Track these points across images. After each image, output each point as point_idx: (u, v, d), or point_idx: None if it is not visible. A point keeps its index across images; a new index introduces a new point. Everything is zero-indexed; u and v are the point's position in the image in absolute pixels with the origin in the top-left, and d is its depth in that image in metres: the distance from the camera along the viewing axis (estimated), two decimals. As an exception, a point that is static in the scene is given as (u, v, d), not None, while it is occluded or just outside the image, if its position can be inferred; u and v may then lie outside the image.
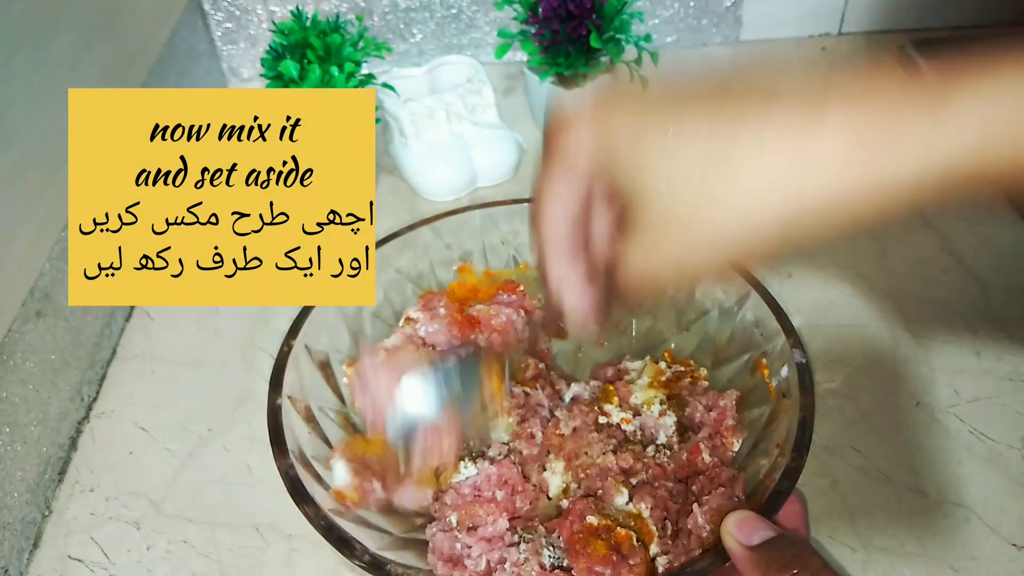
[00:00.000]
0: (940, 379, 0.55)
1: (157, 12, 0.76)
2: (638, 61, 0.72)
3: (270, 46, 0.63)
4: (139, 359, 0.61)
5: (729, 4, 0.87)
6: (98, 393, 0.58)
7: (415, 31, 0.88)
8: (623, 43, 0.71)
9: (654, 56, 0.72)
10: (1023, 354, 0.57)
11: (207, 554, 0.48)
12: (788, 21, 0.89)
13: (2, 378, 0.48)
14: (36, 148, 0.53)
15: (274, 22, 0.66)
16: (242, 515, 0.50)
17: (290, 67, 0.60)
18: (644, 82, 0.33)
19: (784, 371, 0.44)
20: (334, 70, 0.61)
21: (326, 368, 0.48)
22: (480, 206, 0.54)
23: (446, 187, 0.72)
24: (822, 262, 0.64)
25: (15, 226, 0.51)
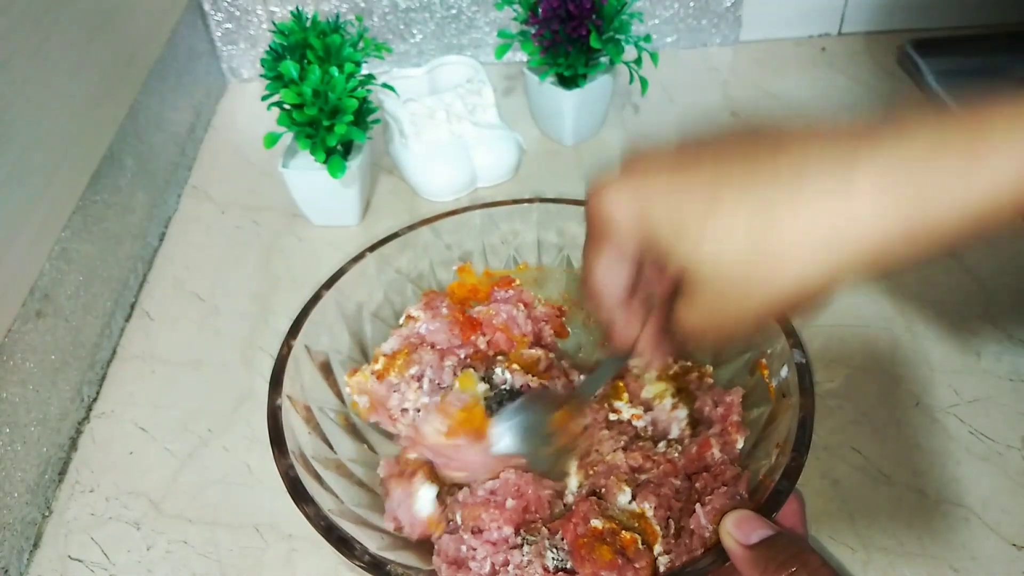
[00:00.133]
0: (940, 379, 0.55)
1: (157, 12, 0.76)
2: (638, 61, 0.72)
3: (270, 46, 0.63)
4: (139, 359, 0.61)
5: (729, 4, 0.87)
6: (98, 393, 0.58)
7: (415, 31, 0.88)
8: (623, 43, 0.71)
9: (654, 56, 0.72)
10: (1023, 354, 0.57)
11: (207, 554, 0.48)
12: (788, 21, 0.89)
13: (2, 378, 0.48)
14: (36, 148, 0.53)
15: (274, 22, 0.66)
16: (242, 515, 0.50)
17: (290, 67, 0.60)
18: (670, 142, 0.33)
19: (784, 371, 0.44)
20: (334, 70, 0.61)
21: (326, 368, 0.48)
22: (480, 206, 0.54)
23: (446, 187, 0.72)
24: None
25: (15, 226, 0.51)
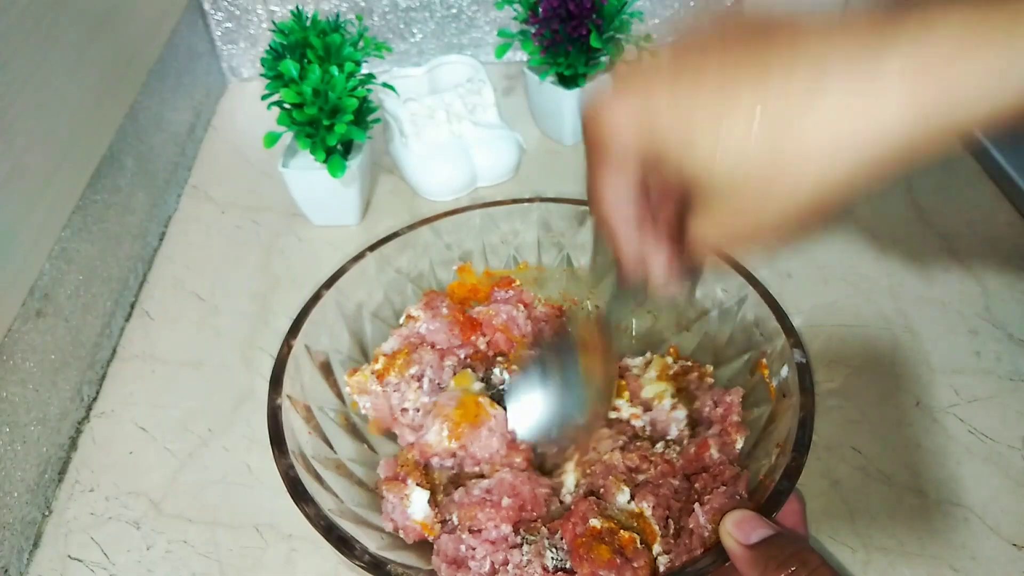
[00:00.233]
0: (940, 379, 0.55)
1: (157, 12, 0.76)
2: (638, 61, 0.72)
3: (270, 46, 0.63)
4: (139, 359, 0.61)
5: (729, 4, 0.87)
6: (98, 393, 0.58)
7: (415, 31, 0.88)
8: (623, 43, 0.71)
9: (654, 56, 0.72)
10: (1023, 354, 0.57)
11: (207, 554, 0.48)
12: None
13: (2, 378, 0.48)
14: (36, 148, 0.53)
15: (274, 22, 0.66)
16: (242, 515, 0.50)
17: (290, 67, 0.60)
18: (659, 51, 0.29)
19: (784, 371, 0.44)
20: (334, 70, 0.61)
21: (326, 368, 0.48)
22: (480, 206, 0.54)
23: (446, 187, 0.72)
24: (822, 262, 0.64)
25: (15, 226, 0.51)
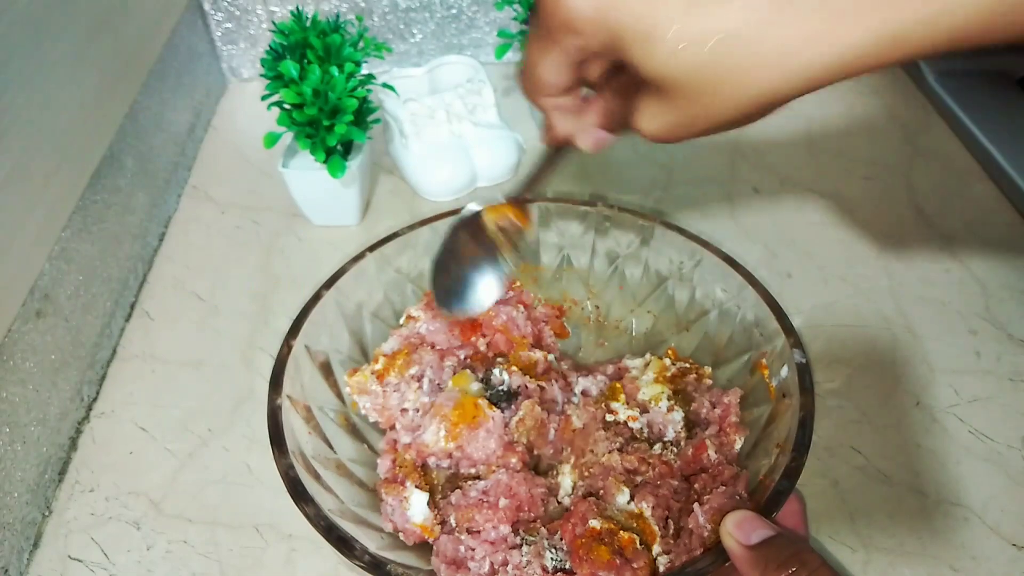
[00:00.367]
0: (940, 379, 0.55)
1: (157, 12, 0.76)
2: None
3: (270, 46, 0.63)
4: (139, 359, 0.61)
5: None
6: (98, 393, 0.58)
7: (415, 31, 0.88)
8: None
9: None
10: (1023, 354, 0.57)
11: (207, 554, 0.48)
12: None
13: (2, 378, 0.48)
14: (36, 148, 0.53)
15: (274, 22, 0.66)
16: (242, 515, 0.50)
17: (290, 67, 0.60)
18: None
19: (784, 371, 0.44)
20: (334, 70, 0.61)
21: (326, 368, 0.48)
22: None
23: (446, 187, 0.72)
24: (822, 262, 0.64)
25: (15, 226, 0.51)
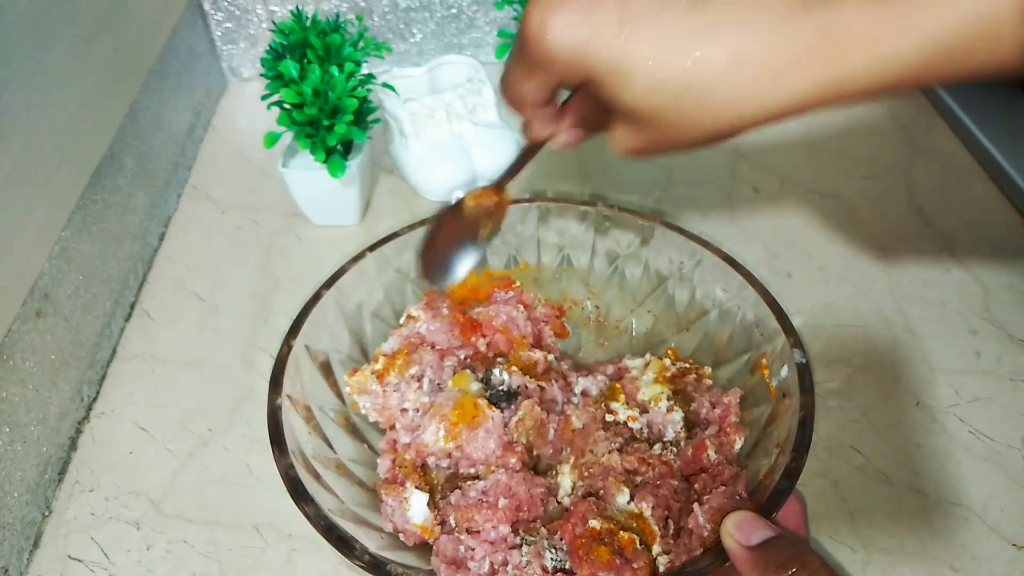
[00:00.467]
0: (940, 379, 0.55)
1: (157, 12, 0.76)
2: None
3: (270, 46, 0.63)
4: (139, 359, 0.61)
5: None
6: (98, 393, 0.58)
7: (415, 31, 0.88)
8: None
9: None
10: (1023, 354, 0.57)
11: (207, 554, 0.48)
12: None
13: (2, 378, 0.48)
14: (36, 148, 0.53)
15: (274, 22, 0.66)
16: (242, 515, 0.50)
17: (290, 67, 0.60)
18: None
19: (784, 371, 0.44)
20: (334, 70, 0.61)
21: (326, 368, 0.48)
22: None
23: (446, 187, 0.72)
24: (822, 262, 0.64)
25: (15, 226, 0.51)
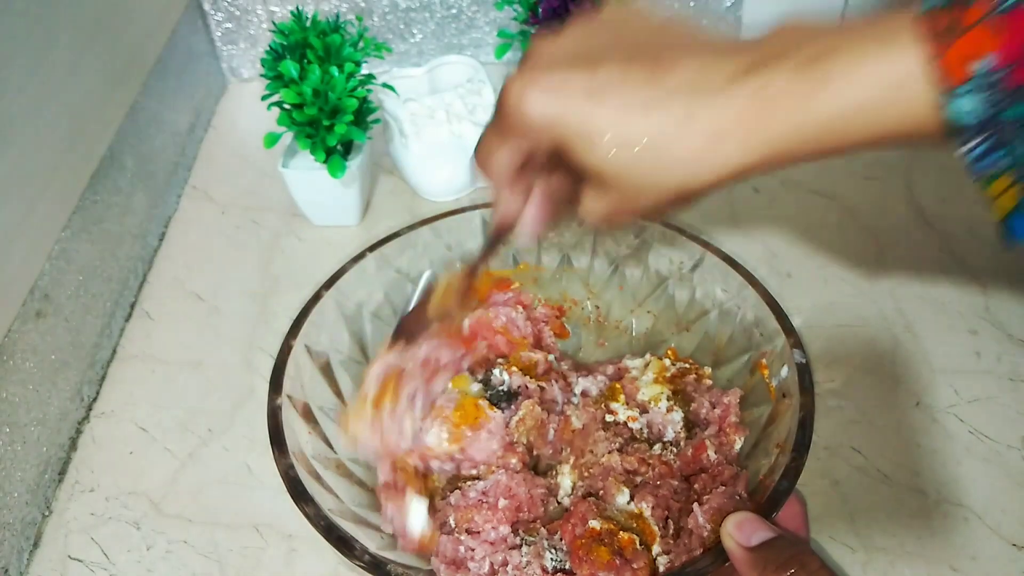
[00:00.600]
0: (940, 379, 0.55)
1: (157, 12, 0.76)
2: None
3: (270, 46, 0.63)
4: (139, 359, 0.61)
5: (729, 4, 0.87)
6: (98, 393, 0.58)
7: (415, 31, 0.88)
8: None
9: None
10: (1023, 354, 0.57)
11: (207, 554, 0.48)
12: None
13: (2, 378, 0.48)
14: (36, 148, 0.53)
15: (274, 22, 0.66)
16: (242, 515, 0.50)
17: (290, 67, 0.60)
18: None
19: (784, 371, 0.44)
20: (334, 70, 0.61)
21: (326, 368, 0.48)
22: (480, 206, 0.54)
23: (446, 187, 0.72)
24: (822, 262, 0.64)
25: (15, 226, 0.51)
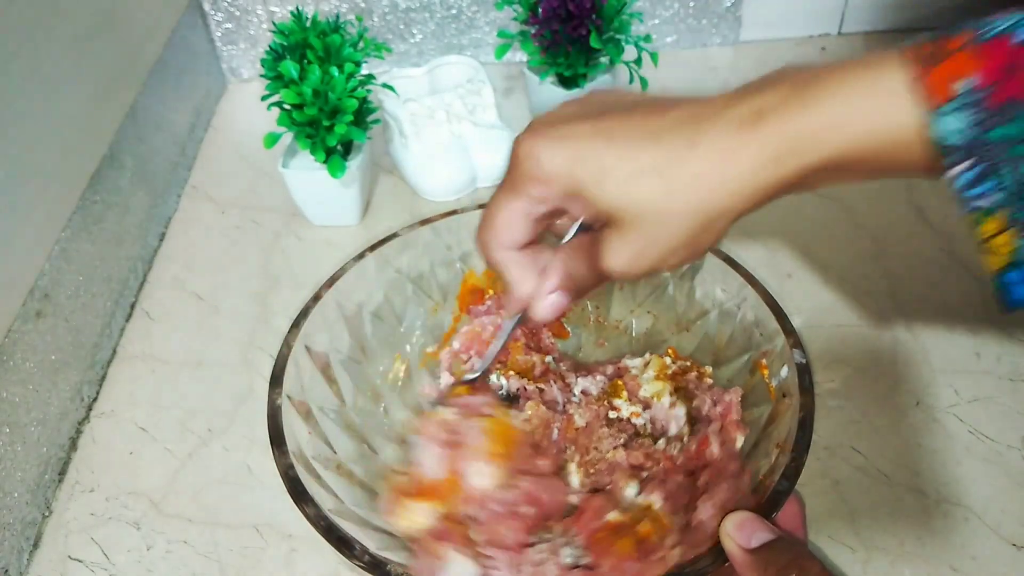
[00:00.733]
0: (940, 379, 0.55)
1: (157, 12, 0.76)
2: (638, 61, 0.72)
3: (270, 46, 0.63)
4: (139, 359, 0.61)
5: (729, 4, 0.87)
6: (98, 393, 0.58)
7: (415, 31, 0.88)
8: (623, 43, 0.71)
9: (654, 56, 0.72)
10: (1023, 354, 0.57)
11: (207, 554, 0.48)
12: (788, 21, 0.89)
13: (2, 378, 0.48)
14: (36, 148, 0.53)
15: (274, 22, 0.66)
16: (242, 515, 0.50)
17: (290, 67, 0.60)
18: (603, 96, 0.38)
19: (784, 371, 0.44)
20: (334, 70, 0.61)
21: (326, 368, 0.48)
22: (480, 206, 0.54)
23: (446, 187, 0.72)
24: (822, 262, 0.64)
25: (15, 226, 0.51)
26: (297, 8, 0.66)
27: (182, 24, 0.80)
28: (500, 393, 0.48)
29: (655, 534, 0.39)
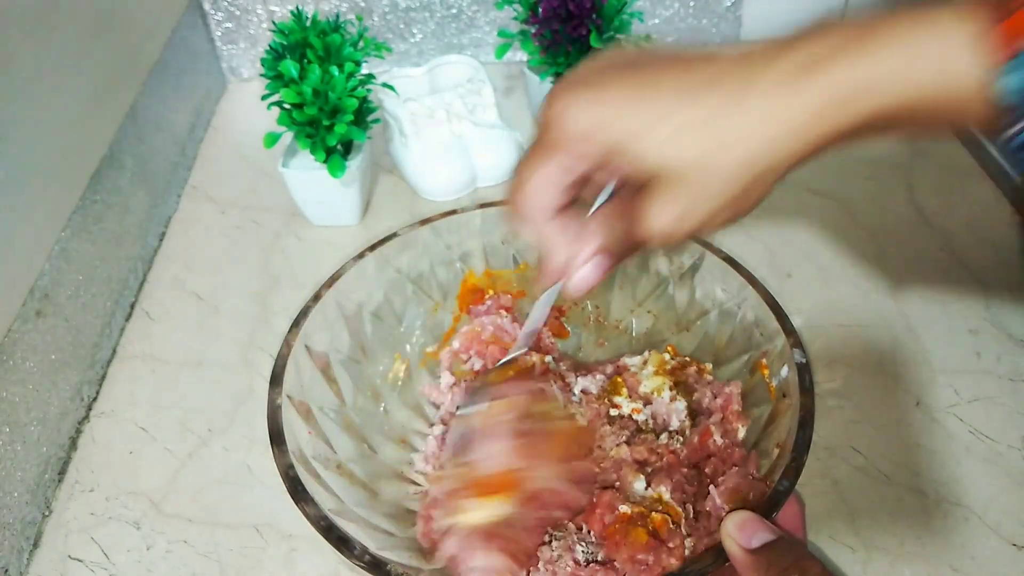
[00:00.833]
0: (940, 379, 0.55)
1: (157, 12, 0.76)
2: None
3: (270, 46, 0.63)
4: (139, 359, 0.61)
5: (729, 4, 0.87)
6: (98, 393, 0.58)
7: (415, 31, 0.88)
8: (623, 43, 0.71)
9: (654, 56, 0.72)
10: (1023, 354, 0.57)
11: (207, 554, 0.48)
12: (788, 21, 0.88)
13: (2, 378, 0.48)
14: (36, 148, 0.53)
15: (274, 22, 0.66)
16: (242, 515, 0.50)
17: (290, 67, 0.60)
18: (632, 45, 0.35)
19: (784, 371, 0.44)
20: (334, 70, 0.61)
21: (326, 368, 0.48)
22: (480, 206, 0.54)
23: (446, 187, 0.72)
24: (822, 262, 0.64)
25: (15, 226, 0.51)
26: (297, 7, 0.66)
27: (182, 24, 0.80)
28: None
29: (667, 524, 0.39)
